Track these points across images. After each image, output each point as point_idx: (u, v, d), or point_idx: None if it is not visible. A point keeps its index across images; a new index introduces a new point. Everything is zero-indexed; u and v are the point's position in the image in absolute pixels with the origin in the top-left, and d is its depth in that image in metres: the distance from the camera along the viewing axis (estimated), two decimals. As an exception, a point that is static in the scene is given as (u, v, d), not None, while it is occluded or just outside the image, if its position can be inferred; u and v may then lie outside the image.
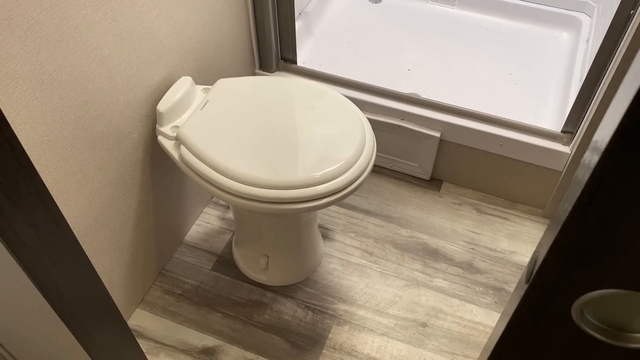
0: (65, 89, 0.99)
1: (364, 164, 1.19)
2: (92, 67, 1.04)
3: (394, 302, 1.49)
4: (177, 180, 1.48)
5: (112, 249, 1.28)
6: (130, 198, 1.29)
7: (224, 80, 1.33)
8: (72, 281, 0.80)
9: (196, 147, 1.18)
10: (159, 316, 1.46)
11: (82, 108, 1.05)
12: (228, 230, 1.66)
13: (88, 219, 1.16)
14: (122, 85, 1.14)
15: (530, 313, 0.45)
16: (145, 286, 1.49)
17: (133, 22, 1.12)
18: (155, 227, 1.44)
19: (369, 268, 1.57)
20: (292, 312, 1.47)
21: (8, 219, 0.62)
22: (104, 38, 1.05)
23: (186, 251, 1.60)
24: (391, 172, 1.82)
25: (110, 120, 1.14)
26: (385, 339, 1.41)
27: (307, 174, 1.13)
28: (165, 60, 1.26)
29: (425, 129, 1.65)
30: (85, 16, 0.98)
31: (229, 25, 1.51)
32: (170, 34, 1.25)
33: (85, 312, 0.84)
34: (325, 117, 1.26)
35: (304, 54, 1.96)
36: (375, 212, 1.71)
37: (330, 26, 2.11)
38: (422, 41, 2.05)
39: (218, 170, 1.15)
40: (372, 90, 1.68)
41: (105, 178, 1.17)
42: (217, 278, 1.54)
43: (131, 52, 1.14)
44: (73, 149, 1.06)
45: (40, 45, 0.91)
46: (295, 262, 1.51)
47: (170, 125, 1.25)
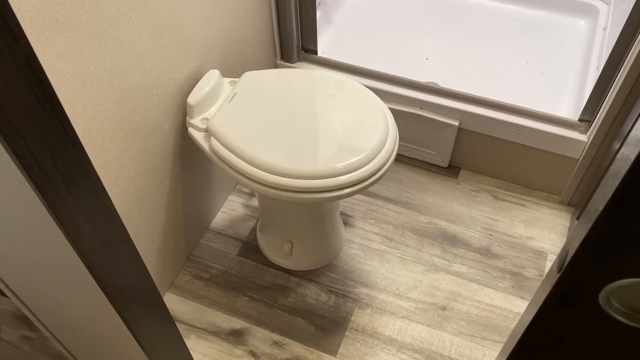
0: (104, 85, 1.04)
1: (387, 155, 1.23)
2: (128, 63, 1.09)
3: (414, 287, 1.54)
4: (203, 169, 1.53)
5: (144, 236, 1.34)
6: (162, 187, 1.35)
7: (249, 73, 1.37)
8: (122, 270, 0.85)
9: (226, 138, 1.22)
10: (189, 300, 1.52)
11: (119, 102, 1.10)
12: (252, 217, 1.71)
13: (124, 208, 1.22)
14: (155, 79, 1.19)
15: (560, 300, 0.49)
16: (174, 271, 1.55)
17: (165, 19, 1.16)
18: (183, 214, 1.50)
19: (389, 253, 1.61)
20: (315, 295, 1.52)
21: (70, 212, 0.67)
22: (139, 35, 1.09)
23: (212, 237, 1.66)
24: (410, 159, 1.86)
25: (144, 114, 1.18)
26: (406, 321, 1.47)
27: (332, 164, 1.17)
28: (194, 55, 1.31)
29: (444, 117, 1.68)
30: (122, 14, 1.03)
31: (252, 18, 1.54)
32: (198, 28, 1.29)
33: (132, 297, 0.90)
34: (348, 108, 1.30)
35: (323, 43, 1.99)
36: (394, 199, 1.75)
37: (349, 15, 2.13)
38: (440, 30, 2.07)
39: (248, 160, 1.19)
40: (391, 80, 1.71)
41: (139, 169, 1.23)
42: (242, 263, 1.60)
43: (163, 48, 1.18)
44: (111, 142, 1.11)
45: (83, 44, 0.95)
46: (318, 247, 1.57)
47: (200, 118, 1.30)
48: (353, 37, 2.04)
